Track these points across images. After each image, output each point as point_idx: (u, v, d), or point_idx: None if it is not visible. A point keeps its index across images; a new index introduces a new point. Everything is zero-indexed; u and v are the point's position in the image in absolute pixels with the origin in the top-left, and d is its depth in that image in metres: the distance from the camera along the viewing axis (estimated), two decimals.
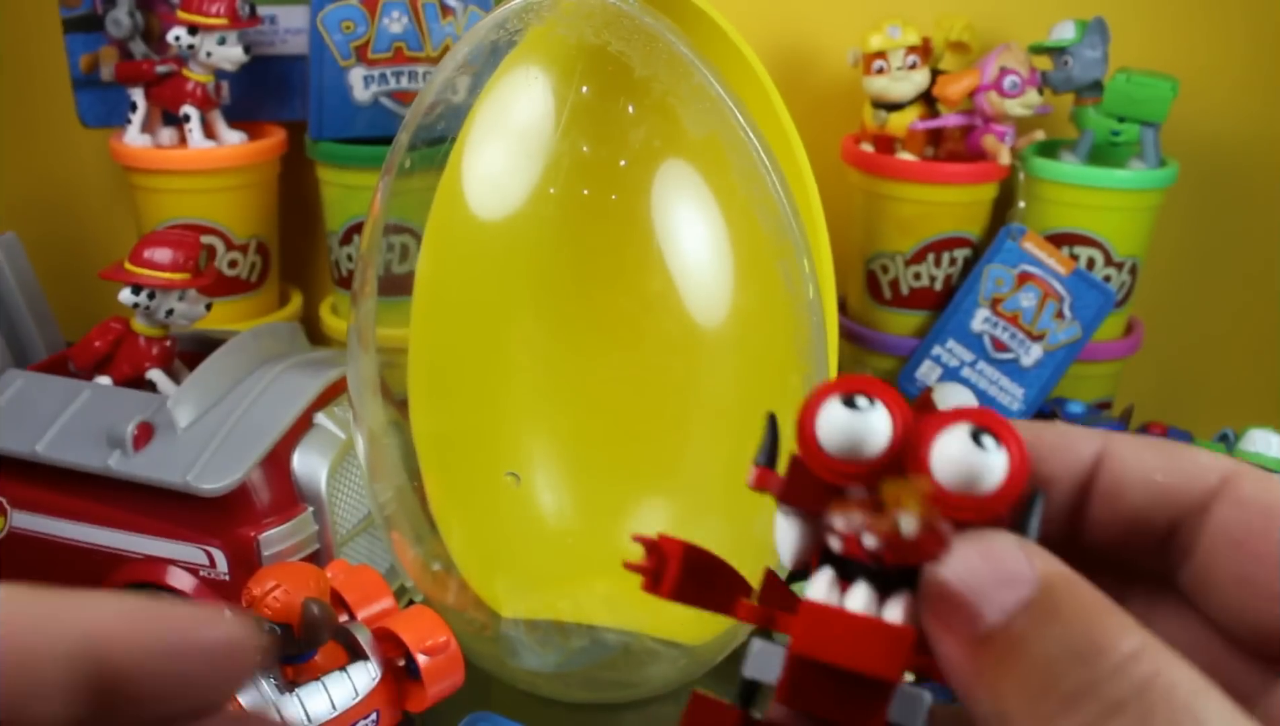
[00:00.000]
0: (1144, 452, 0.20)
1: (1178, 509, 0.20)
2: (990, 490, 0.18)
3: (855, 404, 0.18)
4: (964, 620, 0.17)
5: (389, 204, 0.45)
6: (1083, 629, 0.16)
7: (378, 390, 0.47)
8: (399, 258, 0.48)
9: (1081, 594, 0.17)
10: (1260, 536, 0.19)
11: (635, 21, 0.42)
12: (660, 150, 0.44)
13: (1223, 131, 0.75)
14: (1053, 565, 0.17)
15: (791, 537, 0.20)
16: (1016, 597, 0.16)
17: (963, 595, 0.17)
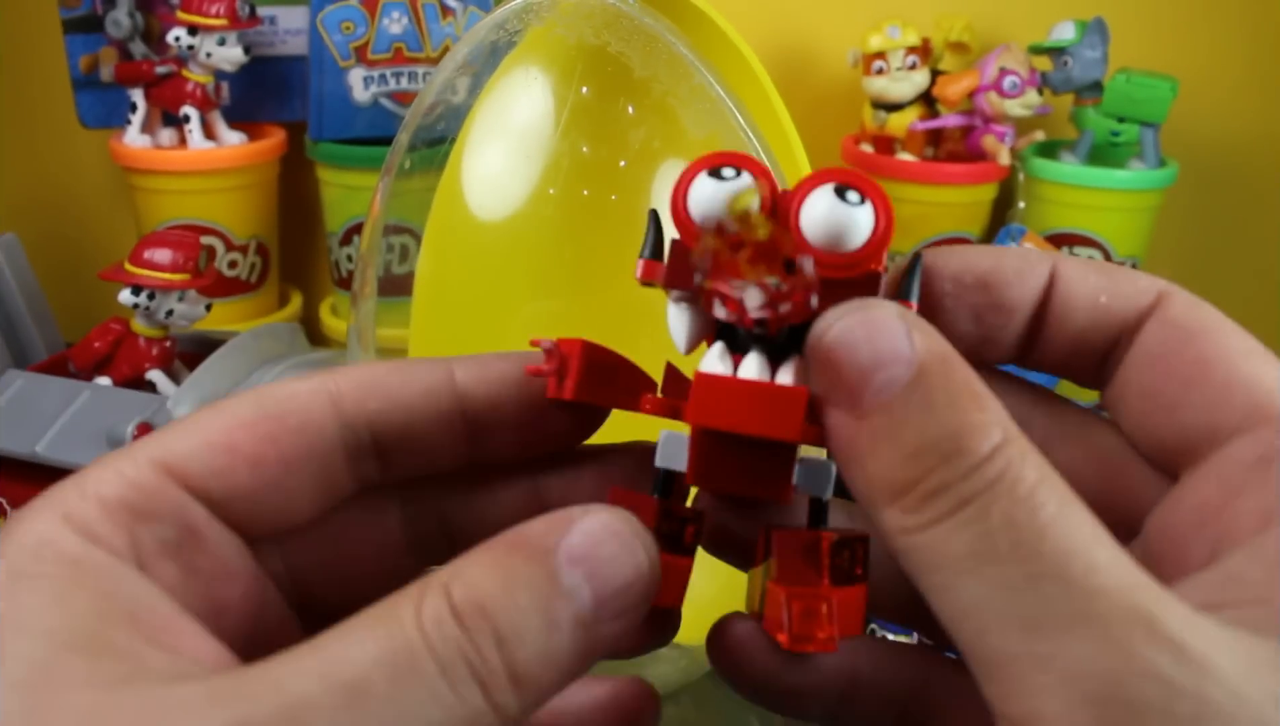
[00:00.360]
0: (1090, 275, 0.21)
1: (1116, 328, 0.21)
2: (859, 244, 0.18)
3: (721, 175, 0.19)
4: (845, 395, 0.17)
5: (389, 204, 0.45)
6: (950, 423, 0.17)
7: None
8: (399, 258, 0.48)
9: (954, 379, 0.17)
10: (1173, 354, 0.20)
11: (635, 22, 0.42)
12: (660, 151, 0.44)
13: (1222, 132, 0.75)
14: (931, 342, 0.17)
15: (683, 322, 0.20)
16: (894, 377, 0.17)
17: (845, 368, 0.17)
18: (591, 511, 0.18)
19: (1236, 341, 0.20)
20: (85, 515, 0.17)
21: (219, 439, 0.19)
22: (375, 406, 0.20)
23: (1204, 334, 0.20)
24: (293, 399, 0.20)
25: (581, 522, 0.17)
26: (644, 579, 0.18)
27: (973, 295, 0.21)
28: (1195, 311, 0.20)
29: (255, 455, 0.19)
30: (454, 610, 0.16)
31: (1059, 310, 0.21)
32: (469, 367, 0.21)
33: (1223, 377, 0.19)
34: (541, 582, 0.17)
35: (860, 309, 0.18)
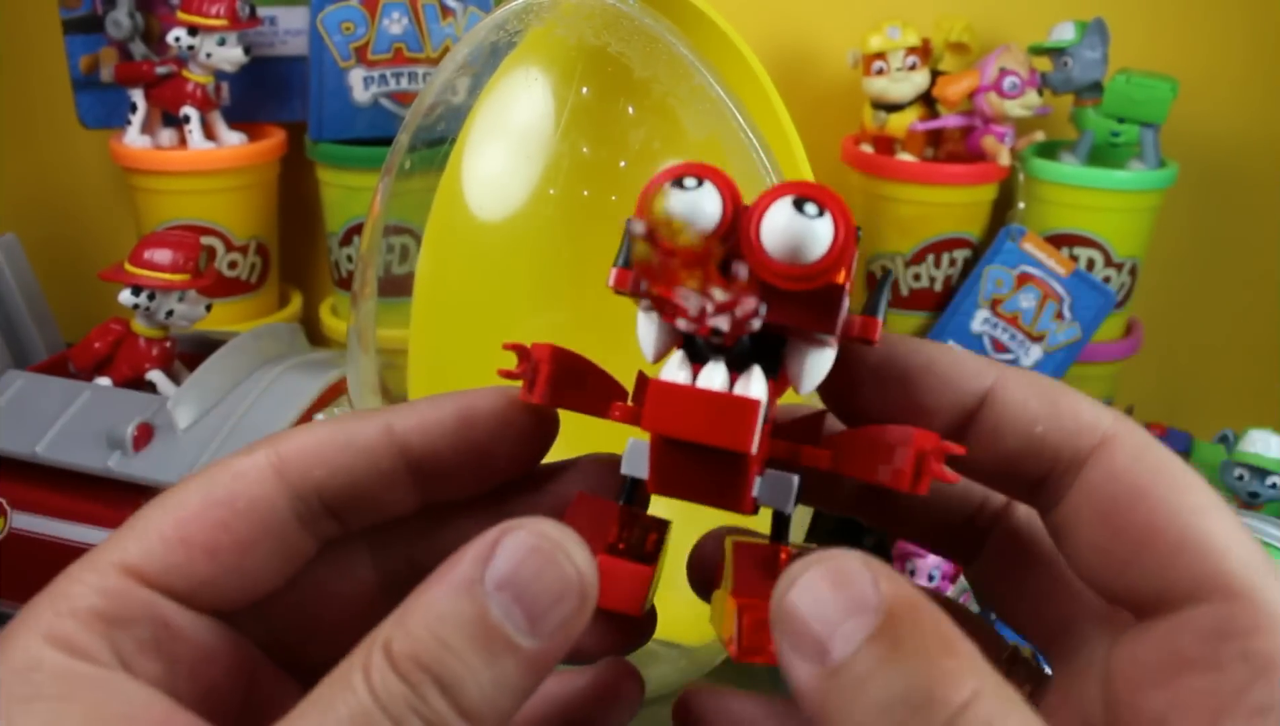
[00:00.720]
0: (1030, 400, 0.20)
1: (1050, 462, 0.20)
2: (819, 256, 0.18)
3: (684, 185, 0.19)
4: (810, 650, 0.17)
5: (389, 205, 0.45)
6: (921, 673, 0.16)
7: (378, 391, 0.47)
8: (399, 259, 0.48)
9: (923, 625, 0.17)
10: (1121, 513, 0.19)
11: (635, 22, 0.42)
12: (660, 151, 0.44)
13: (1222, 132, 0.75)
14: (897, 589, 0.17)
15: (650, 331, 0.20)
16: (861, 630, 0.16)
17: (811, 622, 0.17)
18: (512, 529, 0.18)
19: (1187, 497, 0.19)
20: (65, 631, 0.18)
21: (172, 534, 0.20)
22: (320, 474, 0.20)
23: (1153, 491, 0.19)
24: (238, 480, 0.20)
25: (503, 544, 0.17)
26: (575, 588, 0.18)
27: (893, 388, 0.21)
28: (1142, 461, 0.19)
29: (210, 544, 0.20)
30: (395, 667, 0.17)
31: (989, 427, 0.20)
32: (406, 419, 0.21)
33: (1173, 541, 0.19)
34: (471, 618, 0.17)
35: (824, 560, 0.17)
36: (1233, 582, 0.18)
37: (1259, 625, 0.18)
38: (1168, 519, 0.19)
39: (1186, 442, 0.67)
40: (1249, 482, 0.59)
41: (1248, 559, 0.18)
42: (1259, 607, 0.18)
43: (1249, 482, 0.59)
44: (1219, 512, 0.19)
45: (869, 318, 0.20)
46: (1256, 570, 0.18)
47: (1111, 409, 0.20)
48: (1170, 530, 0.19)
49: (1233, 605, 0.18)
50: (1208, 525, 0.19)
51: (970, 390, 0.20)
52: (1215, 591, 0.18)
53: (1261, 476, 0.59)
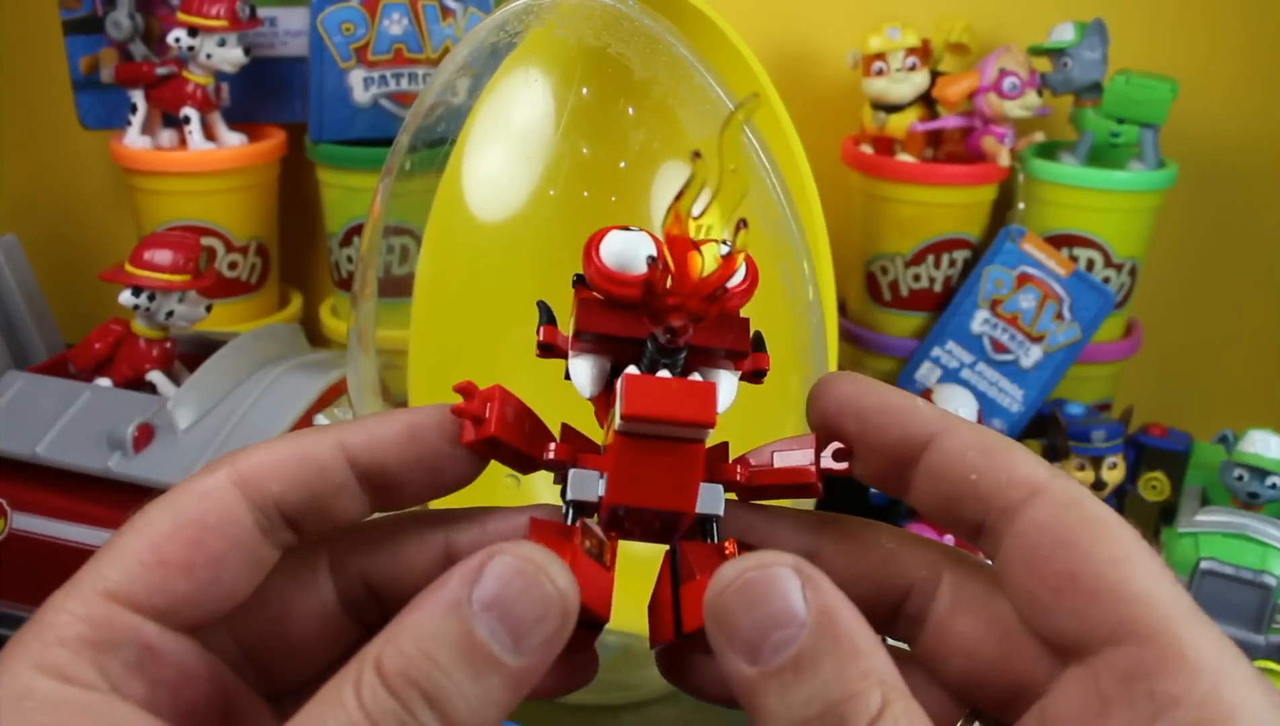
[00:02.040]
0: (970, 452, 0.22)
1: (985, 512, 0.21)
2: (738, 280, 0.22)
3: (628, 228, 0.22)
4: (742, 651, 0.19)
5: (389, 205, 0.45)
6: (836, 688, 0.18)
7: (378, 392, 0.47)
8: (399, 259, 0.48)
9: (841, 639, 0.18)
10: (1043, 561, 0.20)
11: (635, 23, 0.42)
12: (660, 152, 0.44)
13: (1222, 133, 0.75)
14: (822, 599, 0.19)
15: (586, 370, 0.23)
16: (788, 642, 0.18)
17: (743, 625, 0.19)
18: (498, 552, 0.19)
19: (1108, 548, 0.20)
20: (54, 659, 0.19)
21: (149, 556, 0.21)
22: (278, 488, 0.22)
23: (1075, 541, 0.20)
24: (204, 500, 0.21)
25: (489, 567, 0.18)
26: (557, 608, 0.19)
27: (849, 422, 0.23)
28: (1069, 513, 0.21)
29: (185, 561, 0.21)
30: (385, 683, 0.18)
31: (929, 472, 0.22)
32: (356, 434, 0.23)
33: (1091, 589, 0.20)
34: (458, 637, 0.18)
35: (761, 565, 0.19)
36: (1143, 627, 0.19)
37: (1164, 666, 0.19)
38: (1087, 567, 0.20)
39: (1186, 442, 0.67)
40: (1249, 482, 0.59)
41: (1163, 604, 0.20)
42: (1167, 649, 0.19)
43: (1249, 482, 0.59)
44: (1139, 561, 0.20)
45: (759, 353, 0.23)
46: (1169, 614, 0.19)
47: (1050, 466, 0.22)
48: (1088, 578, 0.20)
49: (1144, 647, 0.19)
50: (1126, 573, 0.20)
51: (915, 435, 0.22)
52: (1129, 635, 0.19)
53: (1261, 476, 0.59)
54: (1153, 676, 0.19)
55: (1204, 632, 0.19)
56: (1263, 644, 0.53)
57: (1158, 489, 0.66)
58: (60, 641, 0.20)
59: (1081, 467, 0.64)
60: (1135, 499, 0.67)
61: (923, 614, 0.23)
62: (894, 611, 0.24)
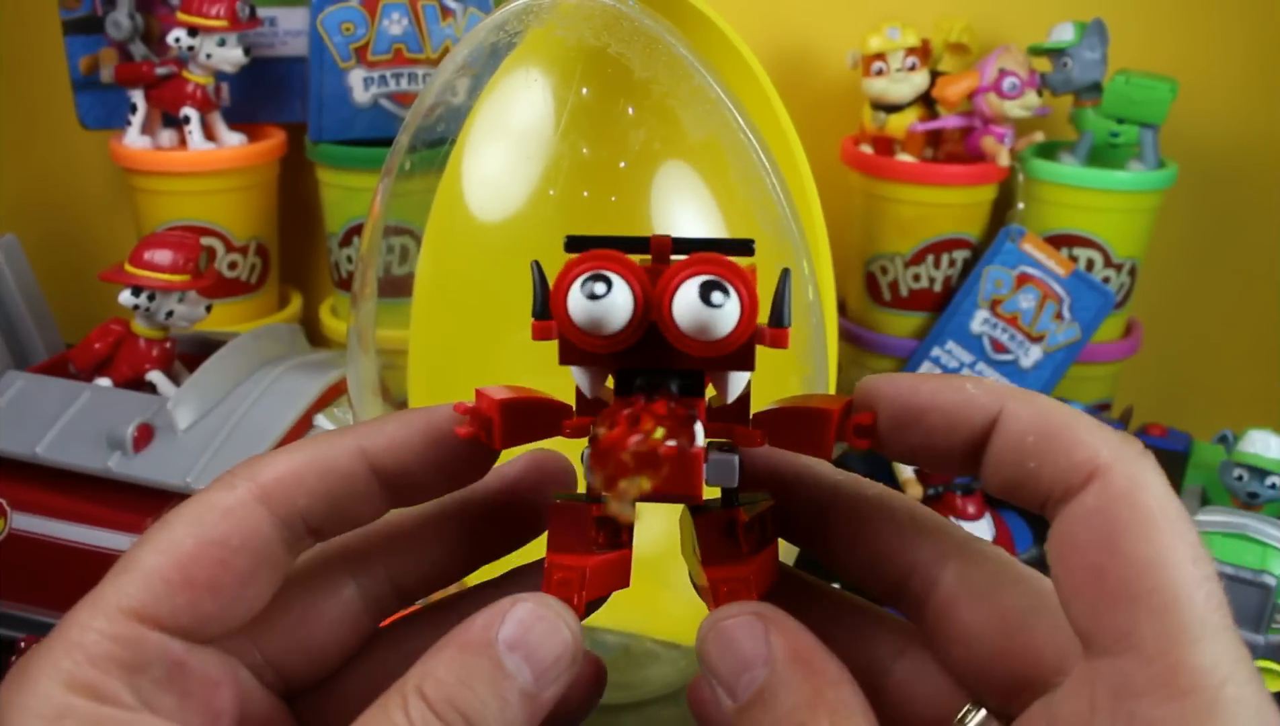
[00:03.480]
0: (1028, 435, 0.21)
1: (1046, 497, 0.21)
2: (724, 334, 0.21)
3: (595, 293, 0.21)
4: (724, 687, 0.22)
5: (389, 205, 0.45)
6: (788, 718, 0.20)
7: (378, 392, 0.47)
8: (399, 259, 0.48)
9: (798, 673, 0.21)
10: (1074, 555, 0.20)
11: (635, 23, 0.42)
12: (660, 152, 0.44)
13: (1222, 133, 0.75)
14: (785, 640, 0.21)
15: (583, 377, 0.23)
16: (753, 683, 0.21)
17: (720, 668, 0.22)
18: (520, 601, 0.21)
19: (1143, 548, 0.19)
20: (88, 678, 0.20)
21: (175, 577, 0.21)
22: (303, 502, 0.23)
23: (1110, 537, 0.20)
24: (228, 518, 0.22)
25: (512, 613, 0.21)
26: (570, 649, 0.21)
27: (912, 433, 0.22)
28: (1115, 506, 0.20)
29: (212, 582, 0.21)
30: (432, 708, 0.20)
31: (993, 458, 0.22)
32: (375, 439, 0.23)
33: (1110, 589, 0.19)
34: (490, 671, 0.21)
35: (727, 616, 0.22)
36: (1148, 644, 0.19)
37: (1155, 690, 0.18)
38: (1115, 566, 0.19)
39: (1186, 442, 0.67)
40: (1248, 482, 0.59)
41: (1179, 622, 0.19)
42: (1162, 673, 0.18)
43: (1248, 482, 0.59)
44: (1172, 567, 0.19)
45: (777, 329, 0.22)
46: (1182, 634, 0.19)
47: (1118, 437, 0.21)
48: (1112, 578, 0.19)
49: (1142, 665, 0.19)
50: (1153, 581, 0.19)
51: (976, 425, 0.22)
52: (1131, 649, 0.19)
53: (1261, 476, 0.59)
54: (1141, 697, 0.18)
55: (1214, 656, 0.18)
56: (1262, 644, 0.53)
57: None
58: (91, 661, 0.20)
59: None
60: None
61: (924, 597, 0.23)
62: (897, 589, 0.24)
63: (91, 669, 0.20)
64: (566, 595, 0.22)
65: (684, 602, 0.25)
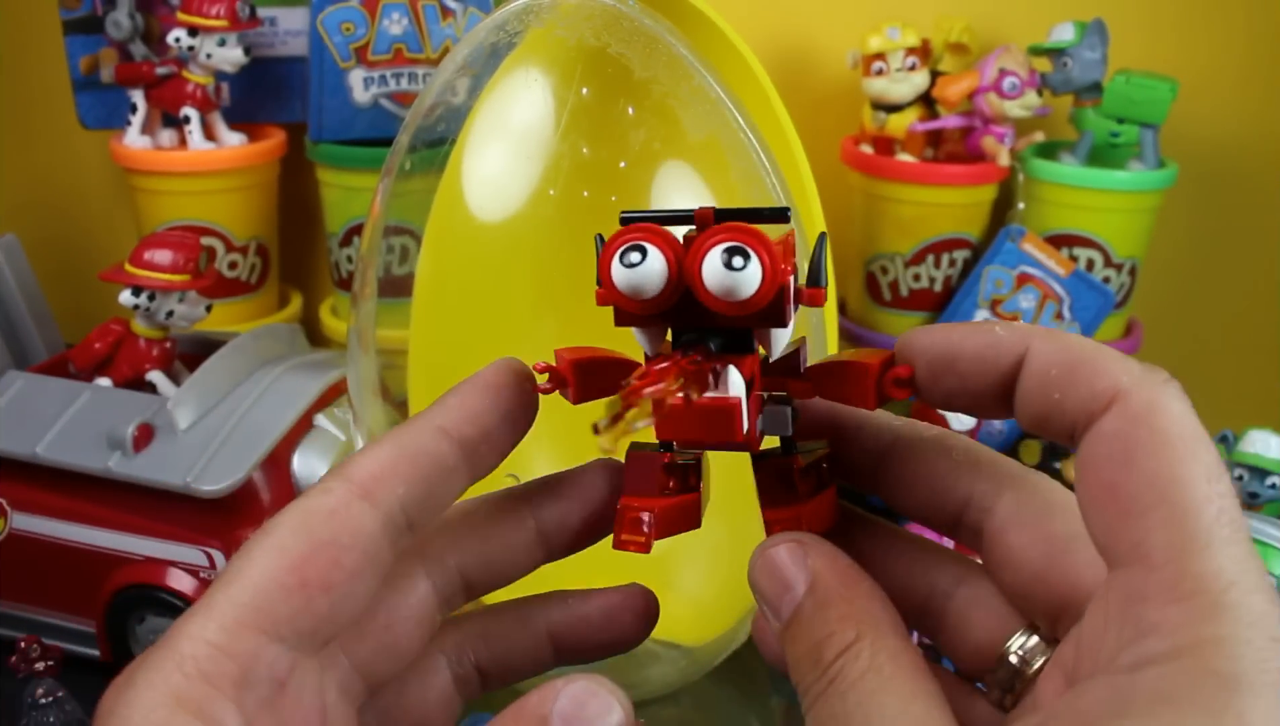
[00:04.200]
0: (1052, 368, 0.22)
1: (1072, 426, 0.22)
2: (750, 294, 0.22)
3: (632, 262, 0.23)
4: (771, 610, 0.23)
5: (389, 205, 0.45)
6: (821, 628, 0.22)
7: (378, 392, 0.47)
8: (399, 259, 0.48)
9: (830, 591, 0.23)
10: (1094, 473, 0.21)
11: (635, 23, 0.42)
12: (660, 152, 0.44)
13: (1222, 133, 0.75)
14: (820, 563, 0.23)
15: (642, 338, 0.25)
16: (792, 602, 0.23)
17: (766, 597, 0.23)
18: (572, 680, 0.22)
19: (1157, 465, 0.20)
20: (195, 695, 0.20)
21: (290, 580, 0.22)
22: (402, 490, 0.23)
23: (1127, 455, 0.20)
24: (334, 517, 0.22)
25: (566, 689, 0.21)
26: (621, 723, 0.22)
27: (948, 379, 0.23)
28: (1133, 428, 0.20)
29: (326, 582, 0.22)
30: None
31: (1022, 394, 0.22)
32: (448, 415, 0.24)
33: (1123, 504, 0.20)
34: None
35: (771, 544, 0.23)
36: (1156, 551, 0.19)
37: (1159, 594, 0.19)
38: (1129, 482, 0.20)
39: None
40: (1249, 483, 0.59)
41: (1188, 529, 0.19)
42: (1168, 578, 0.19)
43: (1249, 483, 0.59)
44: (1186, 482, 0.20)
45: (814, 289, 0.24)
46: (1190, 541, 0.19)
47: (1141, 366, 0.21)
48: (1125, 493, 0.20)
49: (1149, 572, 0.19)
50: (1164, 493, 0.20)
51: (1005, 365, 0.22)
52: (1141, 558, 0.19)
53: (1261, 476, 0.59)
54: (1145, 602, 0.19)
55: (1222, 562, 0.19)
56: None
57: None
58: (203, 676, 0.20)
59: None
60: None
61: (979, 526, 0.24)
62: (955, 521, 0.25)
63: (201, 684, 0.20)
64: (637, 533, 0.24)
65: (685, 602, 0.25)
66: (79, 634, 0.54)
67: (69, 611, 0.54)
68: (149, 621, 0.53)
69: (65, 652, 0.53)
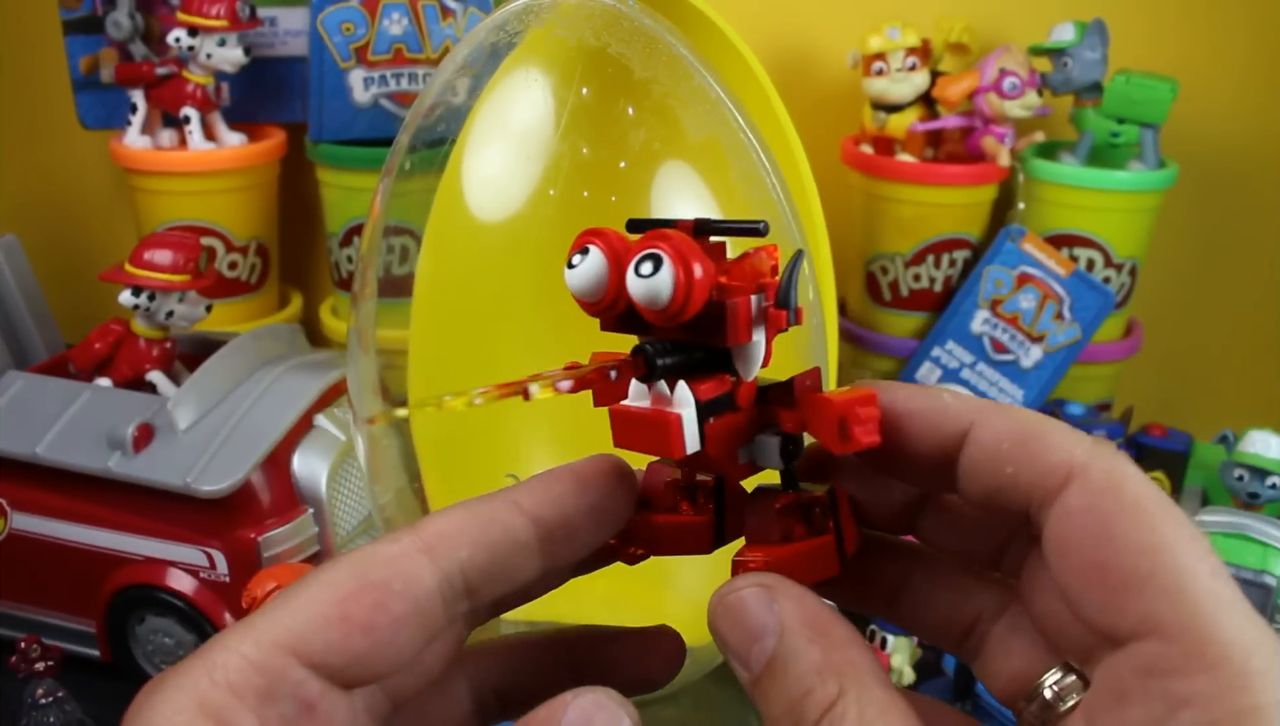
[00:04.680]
0: (1003, 442, 0.21)
1: (1026, 502, 0.21)
2: (667, 301, 0.21)
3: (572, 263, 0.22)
4: (738, 660, 0.22)
5: (389, 205, 0.45)
6: (797, 684, 0.21)
7: (378, 392, 0.47)
8: (399, 259, 0.48)
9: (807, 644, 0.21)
10: (1076, 552, 0.20)
11: (635, 23, 0.42)
12: (660, 152, 0.44)
13: (1222, 133, 0.75)
14: (791, 608, 0.21)
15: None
16: (764, 653, 0.21)
17: (730, 641, 0.22)
18: (581, 694, 0.21)
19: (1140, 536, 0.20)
20: (218, 702, 0.20)
21: (333, 613, 0.21)
22: (466, 553, 0.23)
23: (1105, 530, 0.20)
24: (392, 564, 0.22)
25: (574, 703, 0.21)
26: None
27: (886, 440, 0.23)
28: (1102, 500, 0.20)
29: (368, 622, 0.22)
30: None
31: (969, 469, 0.22)
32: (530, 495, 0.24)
33: (1117, 580, 0.20)
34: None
35: (735, 588, 0.22)
36: (1169, 623, 0.19)
37: (1185, 665, 0.19)
38: (1117, 557, 0.20)
39: (1186, 443, 0.67)
40: (1249, 483, 0.59)
41: (1195, 597, 0.19)
42: (1190, 647, 0.19)
43: (1249, 483, 0.59)
44: (1175, 550, 0.19)
45: (778, 310, 0.23)
46: (1200, 608, 0.19)
47: (1091, 439, 0.21)
48: (1117, 569, 0.20)
49: (1168, 644, 0.19)
50: (1157, 563, 0.19)
51: (949, 433, 0.22)
52: (1153, 630, 0.19)
53: (1261, 476, 0.59)
54: (1171, 674, 0.19)
55: (1236, 628, 0.19)
56: None
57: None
58: (229, 684, 0.20)
59: None
60: None
61: (1022, 560, 0.23)
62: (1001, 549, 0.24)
63: (226, 692, 0.20)
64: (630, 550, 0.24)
65: (685, 602, 0.25)
66: (79, 634, 0.54)
67: (69, 611, 0.54)
68: (149, 621, 0.53)
69: (65, 652, 0.53)
